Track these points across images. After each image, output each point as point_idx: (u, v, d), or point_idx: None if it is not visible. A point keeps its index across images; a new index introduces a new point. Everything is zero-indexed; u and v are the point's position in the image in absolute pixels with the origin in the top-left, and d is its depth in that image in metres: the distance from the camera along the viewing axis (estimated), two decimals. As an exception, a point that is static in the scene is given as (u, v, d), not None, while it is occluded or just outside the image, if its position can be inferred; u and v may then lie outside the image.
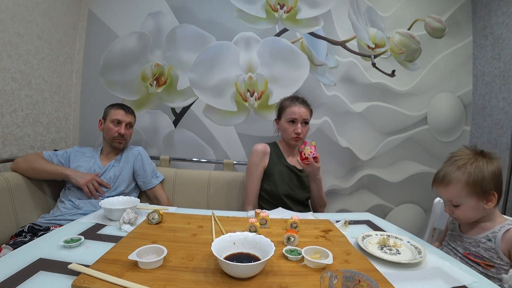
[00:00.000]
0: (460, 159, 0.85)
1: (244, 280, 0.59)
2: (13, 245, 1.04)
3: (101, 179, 1.35)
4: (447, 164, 0.88)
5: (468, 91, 1.95)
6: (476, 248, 0.86)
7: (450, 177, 0.85)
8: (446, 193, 0.87)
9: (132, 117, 1.48)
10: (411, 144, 1.93)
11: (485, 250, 0.84)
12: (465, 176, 0.82)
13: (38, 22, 1.48)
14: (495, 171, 0.83)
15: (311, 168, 1.23)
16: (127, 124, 1.43)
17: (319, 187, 1.33)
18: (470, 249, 0.87)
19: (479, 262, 0.84)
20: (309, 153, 1.21)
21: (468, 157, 0.85)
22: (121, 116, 1.42)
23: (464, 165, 0.83)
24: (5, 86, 1.31)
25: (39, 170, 1.29)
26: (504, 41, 1.75)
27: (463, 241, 0.91)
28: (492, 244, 0.82)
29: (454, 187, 0.84)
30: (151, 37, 1.75)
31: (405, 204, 1.95)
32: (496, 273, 0.81)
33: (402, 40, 1.86)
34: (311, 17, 1.79)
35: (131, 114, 1.47)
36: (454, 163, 0.86)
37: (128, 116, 1.44)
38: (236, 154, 1.81)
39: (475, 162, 0.83)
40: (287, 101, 1.34)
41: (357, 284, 0.50)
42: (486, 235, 0.84)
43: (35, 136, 1.51)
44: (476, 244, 0.86)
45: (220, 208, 1.43)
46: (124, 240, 0.76)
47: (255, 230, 0.83)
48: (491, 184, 0.82)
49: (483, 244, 0.84)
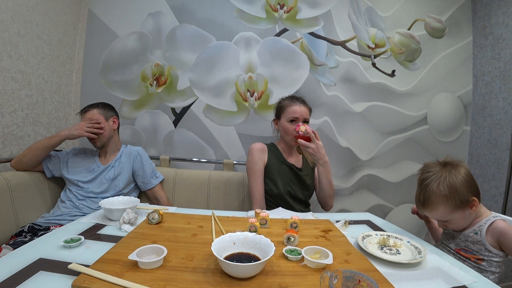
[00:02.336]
0: (431, 181, 0.87)
1: (244, 280, 0.59)
2: (13, 245, 1.04)
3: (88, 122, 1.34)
4: (422, 188, 0.90)
5: (468, 91, 1.96)
6: (465, 242, 0.90)
7: (429, 202, 0.88)
8: (433, 215, 0.91)
9: (91, 112, 1.37)
10: (411, 144, 1.93)
11: (473, 244, 0.88)
12: (441, 198, 0.85)
13: (38, 22, 1.48)
14: (465, 178, 0.85)
15: (314, 146, 1.17)
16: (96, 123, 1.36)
17: (327, 171, 1.26)
18: (460, 244, 0.92)
19: (469, 256, 0.89)
20: (303, 130, 1.17)
21: (436, 176, 0.87)
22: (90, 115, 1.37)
23: (438, 187, 0.85)
24: (5, 86, 1.31)
25: (35, 148, 1.28)
26: (504, 41, 1.75)
27: (454, 237, 0.95)
28: (478, 237, 0.87)
29: (437, 209, 0.87)
30: (151, 37, 1.75)
31: (405, 204, 1.95)
32: (488, 266, 0.85)
33: (402, 40, 1.86)
34: (311, 17, 1.79)
35: (100, 108, 1.40)
36: (427, 187, 0.88)
37: (96, 115, 1.37)
38: (236, 154, 1.81)
39: (445, 180, 0.85)
40: (286, 101, 1.33)
41: (357, 284, 0.50)
42: (474, 229, 0.89)
43: (35, 136, 1.51)
44: (465, 238, 0.90)
45: (220, 208, 1.44)
46: (124, 240, 0.76)
47: (255, 230, 0.83)
48: (467, 193, 0.85)
49: (471, 238, 0.89)
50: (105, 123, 1.38)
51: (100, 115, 1.39)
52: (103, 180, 1.36)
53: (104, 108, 1.42)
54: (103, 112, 1.41)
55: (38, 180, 1.35)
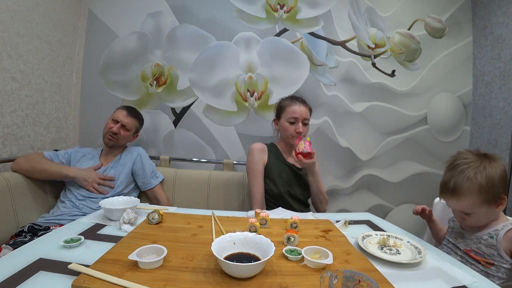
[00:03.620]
0: (468, 168, 0.82)
1: (244, 280, 0.59)
2: (13, 245, 1.05)
3: (104, 175, 1.36)
4: (455, 174, 0.84)
5: (468, 91, 1.95)
6: (478, 244, 0.86)
7: (461, 189, 0.82)
8: (458, 204, 0.86)
9: (132, 120, 1.45)
10: (411, 144, 1.93)
11: (486, 247, 0.84)
12: (477, 187, 0.80)
13: (38, 22, 1.48)
14: (502, 174, 0.82)
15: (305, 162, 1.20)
16: (123, 125, 1.42)
17: (317, 180, 1.30)
18: (471, 245, 0.88)
19: (480, 259, 0.84)
20: (302, 148, 1.18)
21: (475, 165, 0.82)
22: (121, 116, 1.42)
23: (475, 175, 0.80)
24: (5, 86, 1.31)
25: (41, 170, 1.29)
26: (504, 41, 1.75)
27: (464, 237, 0.91)
28: (493, 241, 0.83)
29: (467, 199, 0.82)
30: (151, 37, 1.75)
31: (405, 204, 1.95)
32: (496, 271, 0.82)
33: (402, 40, 1.86)
34: (311, 17, 1.79)
35: (132, 117, 1.46)
36: (462, 174, 0.82)
37: (127, 118, 1.43)
38: (236, 154, 1.81)
39: (484, 170, 0.80)
40: (286, 101, 1.34)
41: (357, 284, 0.50)
42: (488, 232, 0.85)
43: (35, 136, 1.51)
44: (478, 240, 0.86)
45: (220, 208, 1.44)
46: (124, 240, 0.76)
47: (255, 230, 0.83)
48: (501, 188, 0.81)
49: (485, 241, 0.84)
50: (127, 133, 1.44)
51: (133, 128, 1.48)
52: (103, 180, 1.36)
53: (140, 124, 1.53)
54: (137, 127, 1.51)
55: (38, 180, 1.34)
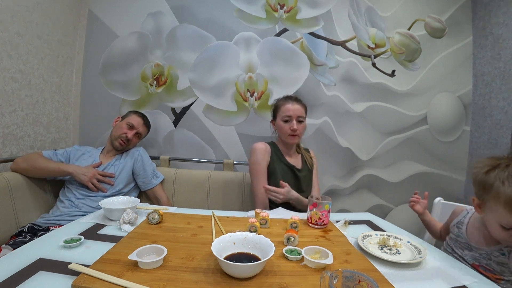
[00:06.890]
0: None
1: (244, 280, 0.59)
2: (13, 245, 1.04)
3: (104, 171, 1.37)
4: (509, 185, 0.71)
5: (468, 91, 1.95)
6: (488, 261, 0.80)
7: None
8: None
9: (145, 129, 1.53)
10: (411, 144, 1.93)
11: (497, 264, 0.79)
12: None
13: (38, 22, 1.47)
14: None
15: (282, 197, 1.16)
16: (137, 132, 1.46)
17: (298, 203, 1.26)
18: (480, 260, 0.82)
19: (490, 275, 0.79)
20: (316, 219, 0.94)
21: None
22: (136, 123, 1.47)
23: None
24: (5, 86, 1.31)
25: (40, 168, 1.29)
26: (504, 41, 1.75)
27: (472, 250, 0.85)
28: (505, 259, 0.78)
29: None
30: (151, 37, 1.75)
31: (405, 204, 1.94)
32: (504, 284, 0.78)
33: (402, 40, 1.86)
34: (311, 17, 1.79)
35: (146, 126, 1.53)
36: None
37: (142, 127, 1.50)
38: (236, 154, 1.81)
39: None
40: (280, 101, 1.35)
41: (357, 284, 0.50)
42: (500, 249, 0.79)
43: (35, 136, 1.51)
44: (488, 256, 0.80)
45: (220, 208, 1.44)
46: (124, 240, 0.76)
47: (255, 230, 0.83)
48: None
49: (496, 258, 0.79)
50: (138, 141, 1.51)
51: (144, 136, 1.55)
52: (103, 177, 1.36)
53: (148, 129, 1.57)
54: (146, 135, 1.57)
55: (38, 180, 1.35)
